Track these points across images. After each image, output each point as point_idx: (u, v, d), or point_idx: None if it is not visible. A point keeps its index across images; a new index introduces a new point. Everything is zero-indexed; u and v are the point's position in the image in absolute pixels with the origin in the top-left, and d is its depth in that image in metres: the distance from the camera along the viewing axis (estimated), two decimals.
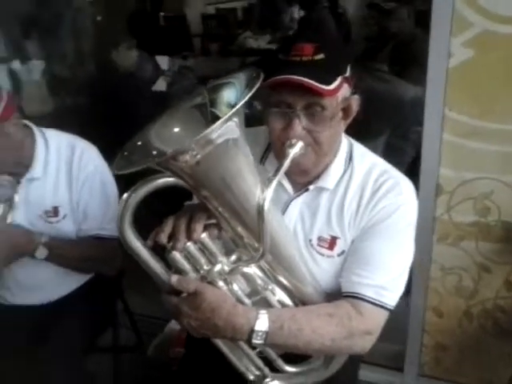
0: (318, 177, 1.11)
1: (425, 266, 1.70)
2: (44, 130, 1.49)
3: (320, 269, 1.10)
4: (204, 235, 0.96)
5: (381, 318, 1.05)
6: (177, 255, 0.96)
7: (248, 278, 1.00)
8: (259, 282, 1.01)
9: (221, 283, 0.97)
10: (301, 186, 1.13)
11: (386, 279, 1.04)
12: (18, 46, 2.64)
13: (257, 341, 0.95)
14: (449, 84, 1.46)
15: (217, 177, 0.89)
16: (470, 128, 1.48)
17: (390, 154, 2.11)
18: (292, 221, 1.12)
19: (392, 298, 1.05)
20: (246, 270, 1.00)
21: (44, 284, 1.50)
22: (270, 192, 0.89)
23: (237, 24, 5.78)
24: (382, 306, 1.03)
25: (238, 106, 0.83)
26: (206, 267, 0.97)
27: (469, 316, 1.71)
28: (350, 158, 1.12)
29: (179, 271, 0.98)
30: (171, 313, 0.99)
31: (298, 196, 1.12)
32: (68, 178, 1.46)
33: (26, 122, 1.45)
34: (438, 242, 1.66)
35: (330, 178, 1.10)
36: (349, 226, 1.08)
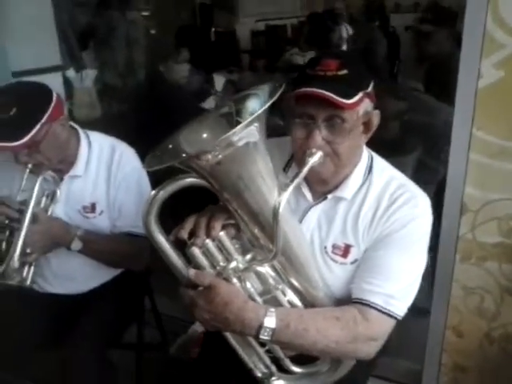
0: (337, 187, 1.15)
1: (446, 284, 1.70)
2: (89, 132, 1.61)
3: (333, 275, 1.14)
4: (222, 233, 1.03)
5: (387, 325, 1.08)
6: (196, 251, 1.03)
7: (261, 277, 1.06)
8: (271, 281, 1.06)
9: (235, 280, 1.03)
10: (320, 195, 1.18)
11: (395, 288, 1.07)
12: (74, 56, 2.82)
13: (264, 337, 1.00)
14: (478, 104, 1.47)
15: (236, 177, 0.96)
16: (498, 148, 1.49)
17: (421, 172, 2.13)
18: (310, 227, 1.17)
19: (400, 308, 1.08)
20: (259, 269, 1.05)
21: (77, 275, 1.60)
22: (285, 196, 0.95)
23: (285, 41, 5.90)
24: (389, 315, 1.06)
25: (259, 112, 0.90)
26: (222, 264, 1.03)
27: (490, 338, 1.69)
28: (370, 170, 1.17)
29: (197, 266, 1.04)
30: (186, 305, 1.05)
31: (317, 204, 1.18)
32: (107, 177, 1.56)
33: (73, 123, 1.57)
34: (461, 261, 1.66)
35: (348, 189, 1.15)
36: (363, 235, 1.12)
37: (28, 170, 1.42)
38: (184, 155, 0.98)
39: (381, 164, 1.20)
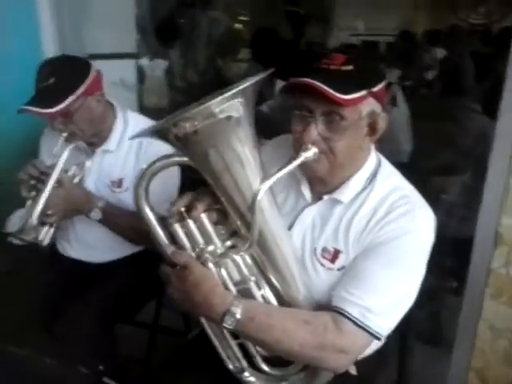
0: (336, 188, 1.11)
1: (472, 322, 1.56)
2: (128, 111, 1.68)
3: (318, 279, 1.09)
4: (203, 215, 1.03)
5: (361, 340, 1.01)
6: (177, 229, 1.04)
7: (237, 267, 1.04)
8: (246, 272, 1.04)
9: (211, 265, 1.02)
10: (318, 196, 1.13)
11: (375, 303, 1.00)
12: (148, 45, 2.97)
13: (227, 325, 0.98)
14: None
15: (214, 153, 0.94)
16: None
17: (468, 195, 1.99)
18: (303, 227, 1.13)
19: (378, 324, 1.00)
20: (236, 257, 1.03)
21: (98, 244, 1.67)
22: (266, 185, 0.93)
23: (375, 57, 5.82)
24: (364, 329, 0.99)
25: (243, 86, 0.90)
26: (201, 246, 1.03)
27: None
28: (374, 176, 1.11)
29: (180, 247, 1.05)
30: (163, 281, 1.06)
31: (313, 204, 1.14)
32: (137, 155, 1.62)
33: (111, 100, 1.64)
34: (491, 298, 1.51)
35: (347, 192, 1.09)
36: (353, 242, 1.06)
37: (63, 138, 1.50)
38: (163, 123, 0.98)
39: (387, 171, 1.13)
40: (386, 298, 1.01)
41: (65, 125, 1.49)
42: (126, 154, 1.63)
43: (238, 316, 0.98)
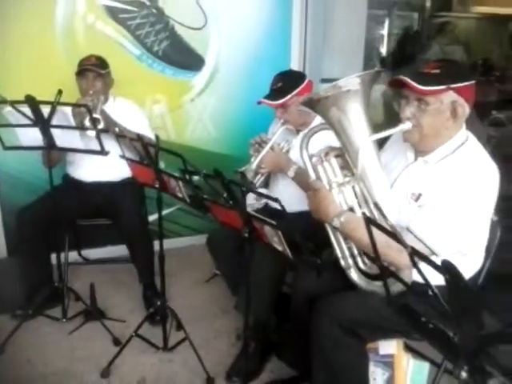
0: (427, 154, 1.62)
1: None
2: None
3: (405, 212, 1.62)
4: (333, 160, 1.69)
5: (417, 246, 1.49)
6: (320, 168, 1.72)
7: (350, 193, 1.66)
8: (354, 198, 1.65)
9: (334, 190, 1.67)
10: (416, 158, 1.66)
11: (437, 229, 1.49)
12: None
13: (334, 224, 1.61)
14: None
15: (338, 114, 1.58)
16: None
17: None
18: (404, 177, 1.67)
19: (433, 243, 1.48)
20: (349, 187, 1.66)
21: (284, 197, 2.44)
22: (370, 139, 1.56)
23: None
24: (421, 241, 1.48)
25: (361, 74, 1.55)
26: (330, 178, 1.70)
27: None
28: (458, 148, 1.57)
29: (319, 178, 1.73)
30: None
31: (413, 163, 1.67)
32: None
33: None
34: None
35: (434, 157, 1.60)
36: (433, 189, 1.55)
37: (280, 122, 2.34)
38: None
39: (473, 146, 1.58)
40: (445, 227, 1.49)
41: (282, 114, 2.32)
42: None
43: (342, 219, 1.60)
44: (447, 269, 0.76)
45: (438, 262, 0.85)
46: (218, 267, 2.74)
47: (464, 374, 0.83)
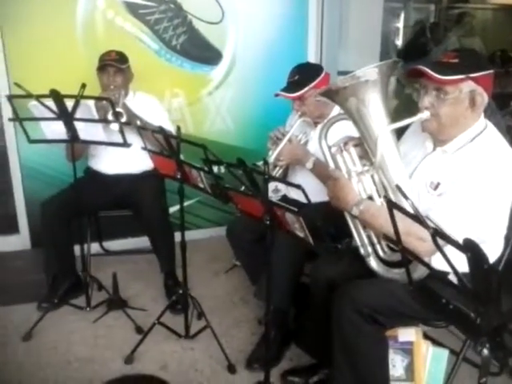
0: (445, 143, 1.63)
1: None
2: None
3: (424, 200, 1.64)
4: (352, 149, 1.72)
5: None
6: (337, 157, 1.75)
7: (368, 182, 1.69)
8: (373, 186, 1.68)
9: (353, 179, 1.70)
10: (435, 148, 1.68)
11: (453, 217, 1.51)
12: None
13: (353, 213, 1.64)
14: None
15: (357, 103, 1.60)
16: None
17: None
18: (423, 167, 1.69)
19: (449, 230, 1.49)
20: (368, 176, 1.68)
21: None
22: (388, 128, 1.58)
23: None
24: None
25: (378, 64, 1.57)
26: (349, 167, 1.72)
27: None
28: (476, 137, 1.59)
29: (338, 167, 1.76)
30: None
31: (431, 153, 1.69)
32: None
33: None
34: None
35: (452, 146, 1.61)
36: (451, 178, 1.56)
37: (298, 114, 2.37)
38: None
39: (491, 135, 1.59)
40: (464, 215, 1.50)
41: (300, 106, 2.35)
42: None
43: (361, 207, 1.63)
44: (469, 247, 0.79)
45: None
46: (237, 258, 2.79)
47: (486, 351, 0.86)
